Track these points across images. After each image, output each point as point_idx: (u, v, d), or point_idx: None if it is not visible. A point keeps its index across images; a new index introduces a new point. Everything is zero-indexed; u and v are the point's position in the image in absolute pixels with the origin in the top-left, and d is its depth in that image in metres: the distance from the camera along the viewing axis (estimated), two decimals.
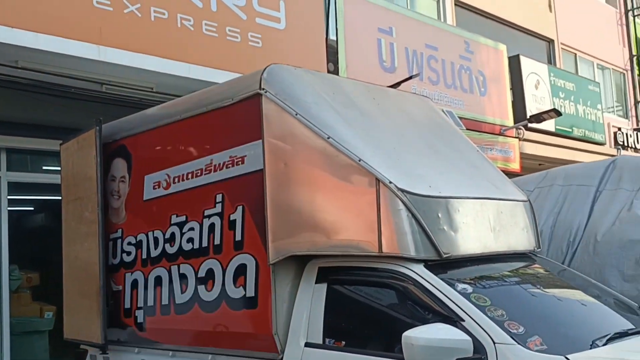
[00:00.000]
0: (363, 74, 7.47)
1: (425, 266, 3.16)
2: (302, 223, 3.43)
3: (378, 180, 3.18)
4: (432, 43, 9.63)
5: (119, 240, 4.53)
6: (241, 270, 3.67)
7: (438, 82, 9.71)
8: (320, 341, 3.36)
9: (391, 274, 3.21)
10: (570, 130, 12.57)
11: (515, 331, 2.83)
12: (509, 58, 11.33)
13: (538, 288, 3.62)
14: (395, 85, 7.14)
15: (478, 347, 2.78)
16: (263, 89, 3.57)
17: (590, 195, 5.16)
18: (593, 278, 4.13)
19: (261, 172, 3.57)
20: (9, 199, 6.46)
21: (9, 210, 6.44)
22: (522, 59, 11.71)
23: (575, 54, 15.03)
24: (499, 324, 2.85)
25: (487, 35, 11.11)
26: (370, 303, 3.48)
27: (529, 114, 11.22)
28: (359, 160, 3.25)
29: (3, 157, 6.46)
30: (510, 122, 10.95)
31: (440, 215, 3.27)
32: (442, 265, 3.22)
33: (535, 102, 11.70)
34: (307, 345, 3.38)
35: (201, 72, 6.18)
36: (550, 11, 14.26)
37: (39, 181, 6.96)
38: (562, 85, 12.63)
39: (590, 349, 2.81)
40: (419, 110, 4.32)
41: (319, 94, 3.62)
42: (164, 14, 6.09)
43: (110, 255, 4.57)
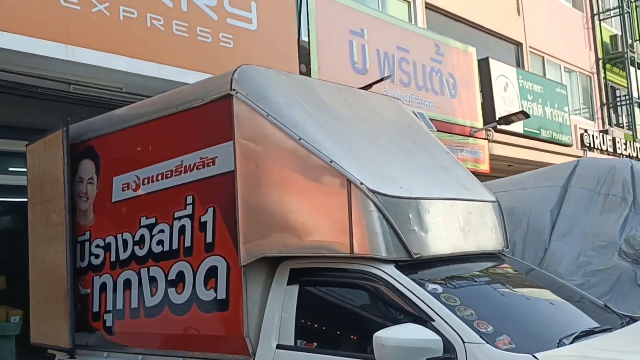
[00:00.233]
0: (335, 75, 7.50)
1: (396, 267, 3.18)
2: (273, 224, 3.42)
3: (349, 182, 3.19)
4: (403, 45, 9.70)
5: (87, 243, 4.46)
6: (212, 272, 3.64)
7: (409, 84, 9.78)
8: (292, 343, 3.35)
9: (362, 275, 3.22)
10: (538, 132, 12.78)
11: (484, 330, 2.86)
12: (479, 61, 11.47)
13: (507, 287, 3.67)
14: (367, 87, 7.17)
15: (448, 346, 2.80)
16: (234, 89, 3.56)
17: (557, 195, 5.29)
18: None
19: (232, 173, 3.55)
20: None
21: None
22: (491, 61, 11.87)
23: (543, 57, 15.29)
24: (469, 323, 2.88)
25: (457, 38, 11.23)
26: (342, 304, 3.49)
27: (498, 115, 11.36)
28: (331, 162, 3.25)
29: None
30: (479, 123, 11.08)
31: (410, 216, 3.29)
32: (413, 265, 3.25)
33: (504, 104, 11.87)
34: (279, 347, 3.37)
35: (172, 73, 6.12)
36: (519, 15, 14.48)
37: (4, 183, 6.81)
38: (530, 88, 12.84)
39: (558, 347, 2.85)
40: (390, 112, 4.34)
41: (291, 95, 3.62)
42: (133, 13, 6.02)
43: (78, 258, 4.49)
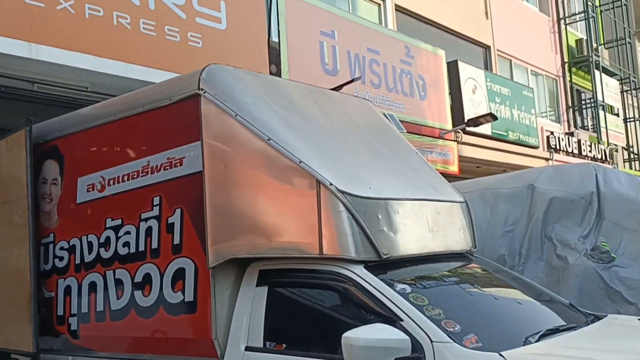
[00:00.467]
0: (305, 76, 7.48)
1: (365, 267, 3.18)
2: (242, 226, 3.40)
3: (319, 182, 3.18)
4: (373, 47, 9.74)
5: (51, 245, 4.38)
6: (180, 274, 3.60)
7: (380, 86, 9.83)
8: (261, 345, 3.33)
9: (332, 276, 3.22)
10: (506, 133, 12.97)
11: (451, 330, 2.89)
12: (448, 63, 11.59)
13: (474, 287, 3.71)
14: (338, 88, 7.19)
15: (416, 346, 2.82)
16: (202, 89, 3.52)
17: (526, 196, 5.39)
18: None
19: (200, 174, 3.51)
20: None
21: None
22: (460, 64, 12.01)
23: (511, 60, 15.52)
24: (436, 322, 2.90)
25: (427, 41, 11.33)
26: (311, 305, 3.48)
27: (466, 117, 11.50)
28: (300, 162, 3.24)
29: None
30: (449, 125, 11.19)
31: (380, 216, 3.30)
32: (382, 266, 3.26)
33: (473, 106, 12.01)
34: (248, 349, 3.35)
35: (139, 72, 6.04)
36: (487, 18, 14.68)
37: None
38: (498, 91, 13.02)
39: (524, 345, 2.89)
40: (360, 113, 4.35)
41: (260, 95, 3.60)
42: (99, 11, 5.92)
43: (41, 260, 4.41)
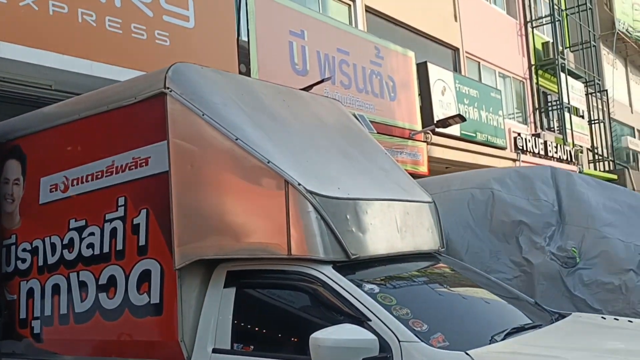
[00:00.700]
0: (275, 76, 7.45)
1: (333, 267, 3.18)
2: (209, 226, 3.37)
3: (287, 182, 3.17)
4: (343, 47, 9.75)
5: (13, 247, 4.29)
6: (145, 276, 3.56)
7: (350, 86, 9.84)
8: (229, 347, 3.31)
9: (300, 276, 3.21)
10: (474, 135, 13.11)
11: (419, 329, 2.90)
12: (417, 65, 11.66)
13: (442, 287, 3.74)
14: (308, 88, 7.17)
15: (384, 345, 2.82)
16: (168, 87, 3.48)
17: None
18: None
19: (166, 174, 3.48)
20: None
21: None
22: (430, 66, 12.10)
23: (479, 62, 15.71)
24: (404, 322, 2.91)
25: (397, 42, 11.38)
26: (280, 306, 3.46)
27: (435, 119, 11.59)
28: (268, 162, 3.22)
29: None
30: (418, 126, 11.27)
31: (348, 216, 3.30)
32: (351, 266, 3.26)
33: (442, 107, 12.12)
34: (215, 351, 3.32)
35: (104, 70, 5.93)
36: (456, 21, 14.84)
37: None
38: (467, 92, 13.16)
39: (490, 344, 2.92)
40: (329, 113, 4.35)
41: (227, 95, 3.57)
42: (63, 8, 5.79)
43: (3, 262, 4.32)
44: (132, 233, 3.63)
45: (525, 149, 14.73)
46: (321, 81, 8.14)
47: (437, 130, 11.34)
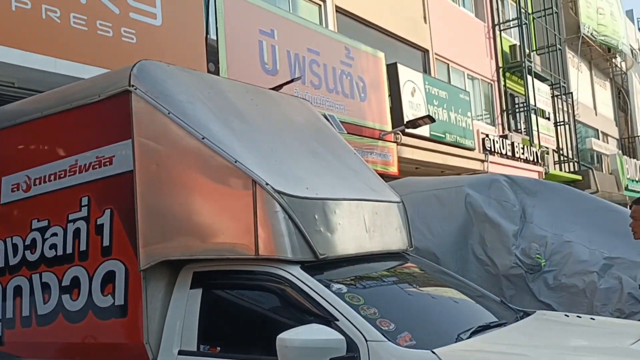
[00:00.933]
0: (244, 75, 7.40)
1: (301, 267, 3.17)
2: (175, 227, 3.32)
3: (255, 182, 3.14)
4: (314, 47, 9.74)
5: None
6: (109, 277, 3.50)
7: (320, 86, 9.83)
8: (195, 348, 3.28)
9: (268, 277, 3.19)
10: (444, 135, 13.24)
11: (386, 328, 2.91)
12: (388, 66, 11.71)
13: (410, 286, 3.76)
14: (277, 88, 7.13)
15: (351, 345, 2.82)
16: (133, 85, 3.43)
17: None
18: None
19: (131, 173, 3.43)
20: None
21: None
22: (400, 67, 12.16)
23: (448, 64, 15.87)
24: (371, 322, 2.92)
25: (367, 43, 11.42)
26: (247, 307, 3.44)
27: (405, 119, 11.66)
28: (235, 162, 3.20)
29: None
30: (388, 127, 11.32)
31: (317, 216, 3.29)
32: (319, 266, 3.25)
33: (412, 108, 12.20)
34: (181, 353, 3.29)
35: (69, 67, 5.81)
36: (425, 23, 14.96)
37: None
38: (436, 93, 13.28)
39: (456, 342, 2.95)
40: (298, 113, 4.34)
41: (194, 93, 3.53)
42: (26, 3, 5.66)
43: None
44: (95, 234, 3.57)
45: (493, 150, 14.92)
46: (291, 81, 8.12)
47: (407, 130, 11.41)
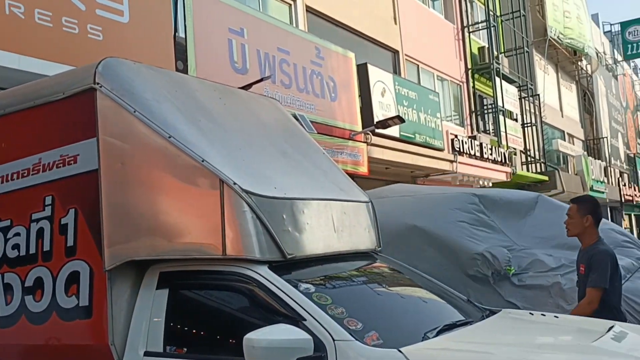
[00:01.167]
0: (214, 73, 7.34)
1: (269, 267, 3.16)
2: (141, 226, 3.28)
3: (222, 182, 3.12)
4: (284, 47, 9.72)
5: None
6: (74, 278, 3.44)
7: (290, 86, 9.82)
8: (161, 349, 3.24)
9: (235, 277, 3.17)
10: (413, 136, 13.34)
11: (353, 328, 2.92)
12: (358, 66, 11.76)
13: (378, 285, 3.78)
14: (247, 87, 7.08)
15: (319, 345, 2.83)
16: (98, 83, 3.38)
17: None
18: None
19: (96, 172, 3.37)
20: None
21: None
22: (370, 67, 12.22)
23: (418, 65, 16.00)
24: (339, 321, 2.92)
25: (337, 43, 11.45)
26: (214, 307, 3.42)
27: (375, 119, 11.71)
28: (202, 161, 3.17)
29: None
30: (359, 127, 11.36)
31: (285, 216, 3.29)
32: (287, 266, 3.24)
33: (382, 109, 12.27)
34: (147, 354, 3.25)
35: (33, 64, 5.69)
36: (395, 24, 15.06)
37: None
38: (406, 94, 13.38)
39: (422, 341, 2.97)
40: (267, 112, 4.32)
41: (160, 91, 3.49)
42: None
43: None
44: (59, 233, 3.51)
45: (462, 150, 15.09)
46: (260, 80, 8.07)
47: (377, 131, 11.46)
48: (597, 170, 24.97)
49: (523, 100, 21.34)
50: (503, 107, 18.92)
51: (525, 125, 21.27)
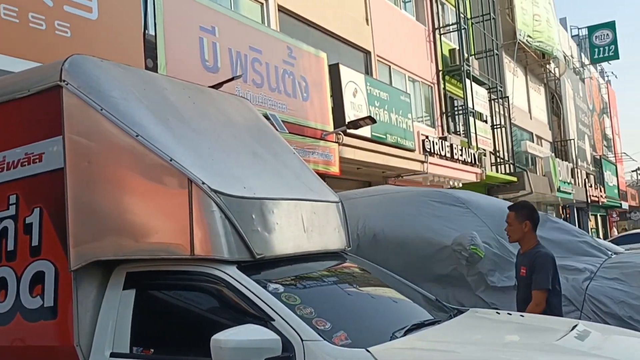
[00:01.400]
0: (184, 72, 7.28)
1: (238, 268, 3.15)
2: (107, 226, 3.24)
3: (190, 181, 3.10)
4: (256, 46, 9.68)
5: None
6: (38, 278, 3.39)
7: (262, 85, 9.79)
8: (127, 350, 3.21)
9: (204, 277, 3.15)
10: (385, 136, 13.42)
11: (322, 328, 2.93)
12: (330, 66, 11.78)
13: (347, 285, 3.79)
14: (217, 86, 7.04)
15: (287, 345, 2.83)
16: (64, 80, 3.32)
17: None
18: None
19: (61, 171, 3.32)
20: None
21: None
22: (342, 67, 12.25)
23: (390, 66, 16.10)
24: (307, 321, 2.93)
25: (309, 43, 11.45)
26: (182, 308, 3.39)
27: (347, 120, 11.75)
28: (170, 160, 3.14)
29: None
30: (330, 127, 11.38)
31: (254, 216, 3.28)
32: (256, 266, 3.23)
33: (353, 109, 12.30)
34: (113, 355, 3.22)
35: None
36: (367, 25, 15.14)
37: None
38: (377, 95, 13.44)
39: (390, 340, 2.99)
40: (237, 112, 4.30)
41: (128, 89, 3.45)
42: None
43: None
44: (24, 233, 3.45)
45: (432, 151, 15.23)
46: (232, 79, 8.04)
47: (348, 131, 11.50)
48: (565, 172, 25.45)
49: (493, 102, 21.65)
50: (473, 108, 19.15)
51: (495, 126, 21.58)
